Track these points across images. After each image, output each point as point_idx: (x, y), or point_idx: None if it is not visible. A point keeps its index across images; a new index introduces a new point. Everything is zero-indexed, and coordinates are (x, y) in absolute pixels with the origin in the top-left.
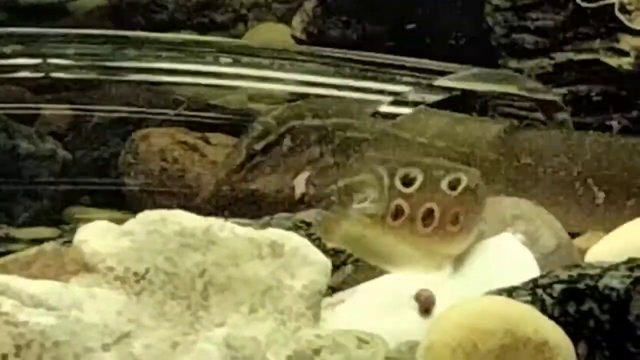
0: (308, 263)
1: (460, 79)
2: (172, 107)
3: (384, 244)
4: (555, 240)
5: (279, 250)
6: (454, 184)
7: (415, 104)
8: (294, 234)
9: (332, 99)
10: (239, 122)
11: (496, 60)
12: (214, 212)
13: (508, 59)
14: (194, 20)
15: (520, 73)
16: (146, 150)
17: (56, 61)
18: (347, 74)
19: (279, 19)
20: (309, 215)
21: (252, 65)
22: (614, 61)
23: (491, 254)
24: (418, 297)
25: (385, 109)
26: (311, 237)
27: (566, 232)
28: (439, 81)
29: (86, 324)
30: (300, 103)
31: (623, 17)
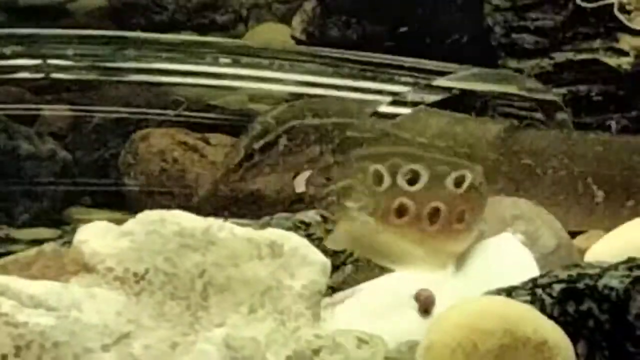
0: (307, 263)
1: (460, 79)
2: (172, 107)
3: (388, 243)
4: (555, 240)
5: (278, 251)
6: (459, 180)
7: (414, 104)
8: (293, 234)
9: (332, 98)
10: (239, 122)
11: (496, 60)
12: (213, 212)
13: (508, 58)
14: (194, 21)
15: (520, 73)
16: (146, 151)
17: (56, 62)
18: (346, 74)
19: (279, 20)
20: (309, 216)
21: (252, 65)
22: (614, 61)
23: (491, 254)
24: (418, 297)
25: (384, 109)
26: (311, 237)
27: (566, 232)
28: (438, 81)
29: (86, 324)
30: (300, 102)
31: (622, 17)
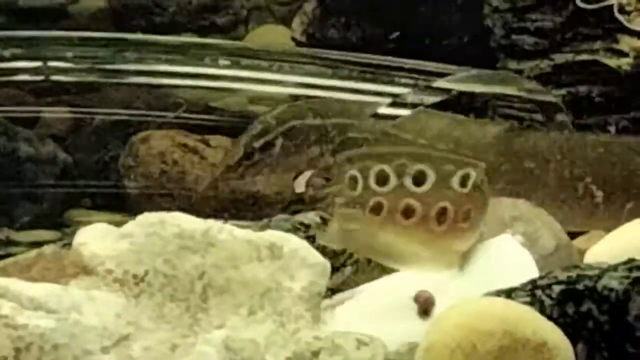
0: (307, 265)
1: (459, 80)
2: (172, 109)
3: (394, 244)
4: (554, 242)
5: (277, 252)
6: (464, 179)
7: (414, 105)
8: (292, 236)
9: (333, 99)
10: (239, 124)
11: (495, 61)
12: (212, 213)
13: (507, 60)
14: (194, 22)
15: (519, 74)
16: (146, 153)
17: (56, 64)
18: (346, 76)
19: (279, 21)
20: (308, 217)
21: (251, 67)
22: (613, 62)
23: (490, 255)
24: (417, 298)
25: (384, 110)
26: (310, 239)
27: (565, 233)
28: (437, 83)
29: (85, 326)
30: (301, 103)
31: (622, 18)
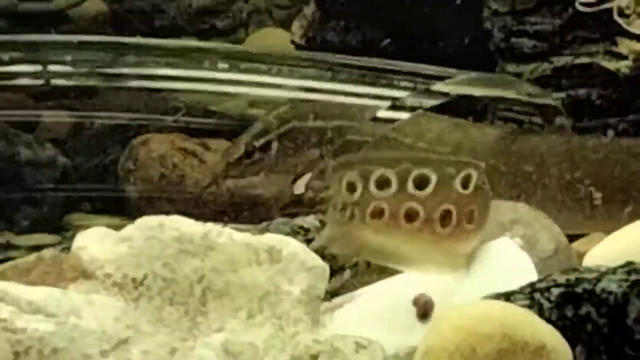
0: (306, 268)
1: (459, 83)
2: (171, 113)
3: (400, 247)
4: (553, 244)
5: (276, 256)
6: (465, 180)
7: (413, 108)
8: (291, 239)
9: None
10: (239, 128)
11: (495, 64)
12: (212, 216)
13: (507, 63)
14: (194, 26)
15: (519, 77)
16: (146, 157)
17: (56, 68)
18: (345, 79)
19: (279, 25)
20: (307, 221)
21: (251, 71)
22: (613, 65)
23: (489, 258)
24: (416, 301)
25: (383, 113)
26: (309, 243)
27: (565, 236)
28: (436, 86)
29: (84, 330)
30: (302, 104)
31: (621, 20)
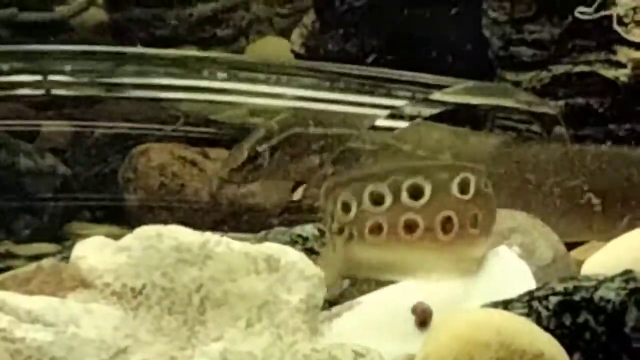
0: (304, 277)
1: (457, 92)
2: (170, 122)
3: (403, 260)
4: (551, 253)
5: (275, 265)
6: (464, 184)
7: (412, 117)
8: (290, 248)
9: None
10: (239, 137)
11: (494, 73)
12: (212, 226)
13: (506, 71)
14: (195, 35)
15: (517, 86)
16: (145, 166)
17: (56, 78)
18: (344, 88)
19: (280, 34)
20: (306, 230)
21: (251, 80)
22: (611, 73)
23: (487, 266)
24: (415, 309)
25: (382, 122)
26: (308, 251)
27: (563, 244)
28: (435, 95)
29: (83, 339)
30: (303, 111)
31: (620, 29)
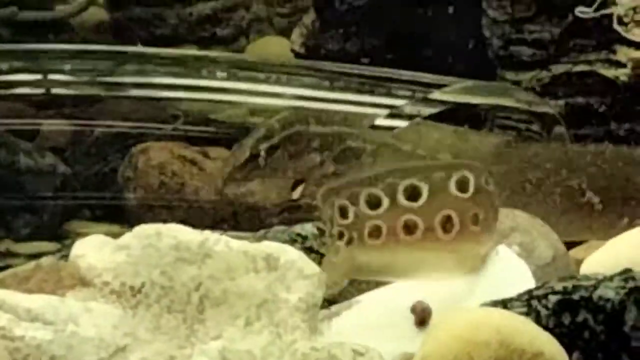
0: (303, 276)
1: (457, 91)
2: (169, 121)
3: (405, 261)
4: (551, 252)
5: (274, 264)
6: (462, 182)
7: (411, 116)
8: (289, 247)
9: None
10: (239, 136)
11: (494, 72)
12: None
13: (505, 71)
14: (195, 34)
15: (517, 85)
16: (145, 165)
17: (56, 77)
18: (344, 88)
19: (280, 33)
20: (305, 228)
21: (251, 79)
22: (611, 73)
23: (487, 265)
24: (414, 309)
25: (381, 121)
26: (307, 250)
27: (562, 243)
28: (434, 94)
29: (82, 338)
30: (303, 109)
31: (620, 28)
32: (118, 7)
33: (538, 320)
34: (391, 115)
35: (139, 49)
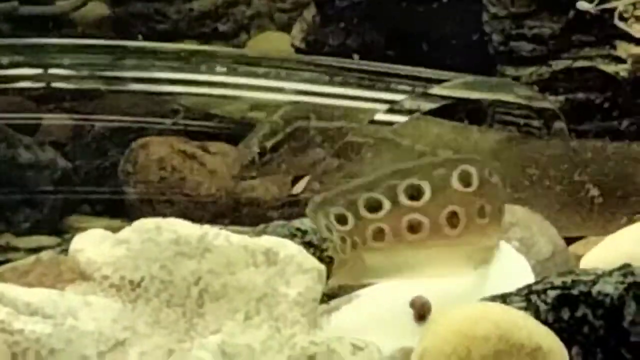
0: (303, 270)
1: (457, 87)
2: (170, 116)
3: (412, 260)
4: (550, 247)
5: (273, 258)
6: (465, 176)
7: (411, 112)
8: (288, 242)
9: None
10: (239, 131)
11: (494, 68)
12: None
13: (505, 66)
14: (196, 29)
15: (517, 81)
16: (145, 159)
17: (56, 71)
18: (344, 83)
19: (281, 28)
20: (305, 223)
21: (251, 74)
22: (611, 68)
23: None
24: (413, 303)
25: (381, 116)
26: (307, 245)
27: (562, 239)
28: (434, 89)
29: (82, 331)
30: (304, 105)
31: (621, 24)
32: (119, 2)
33: (537, 315)
34: (391, 110)
35: (139, 43)
